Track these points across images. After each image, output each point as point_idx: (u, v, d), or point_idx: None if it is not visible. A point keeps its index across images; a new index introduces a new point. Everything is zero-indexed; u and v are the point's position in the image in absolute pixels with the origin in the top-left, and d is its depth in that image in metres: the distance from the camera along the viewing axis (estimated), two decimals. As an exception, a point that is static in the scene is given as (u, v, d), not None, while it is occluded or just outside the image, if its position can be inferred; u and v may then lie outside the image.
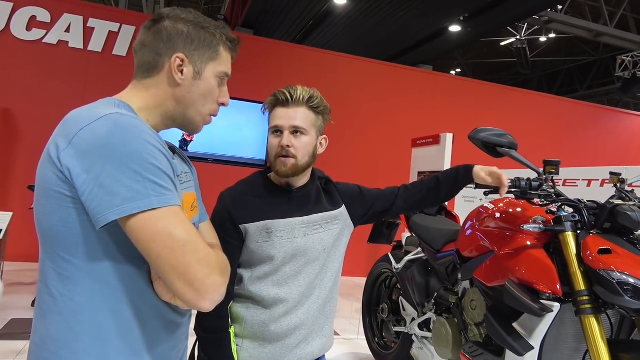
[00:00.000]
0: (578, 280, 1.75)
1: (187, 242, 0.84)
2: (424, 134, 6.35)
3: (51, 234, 0.88)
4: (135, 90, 1.01)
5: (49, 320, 0.89)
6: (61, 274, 0.88)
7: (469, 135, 1.86)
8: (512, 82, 13.49)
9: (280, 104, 1.50)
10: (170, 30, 0.99)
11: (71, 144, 0.84)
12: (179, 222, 0.85)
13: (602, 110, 10.01)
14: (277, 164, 1.48)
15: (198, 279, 0.83)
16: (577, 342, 1.91)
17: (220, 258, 0.92)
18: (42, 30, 6.28)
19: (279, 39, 9.44)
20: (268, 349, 1.49)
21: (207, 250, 0.86)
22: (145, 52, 1.00)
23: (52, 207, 0.87)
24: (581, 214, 1.86)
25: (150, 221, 0.82)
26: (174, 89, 1.00)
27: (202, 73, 1.02)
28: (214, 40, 1.03)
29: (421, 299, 2.74)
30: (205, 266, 0.84)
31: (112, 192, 0.81)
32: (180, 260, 0.83)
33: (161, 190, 0.84)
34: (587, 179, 3.70)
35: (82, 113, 0.89)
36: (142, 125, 0.88)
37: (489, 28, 9.06)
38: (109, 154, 0.82)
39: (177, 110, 1.02)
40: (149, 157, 0.84)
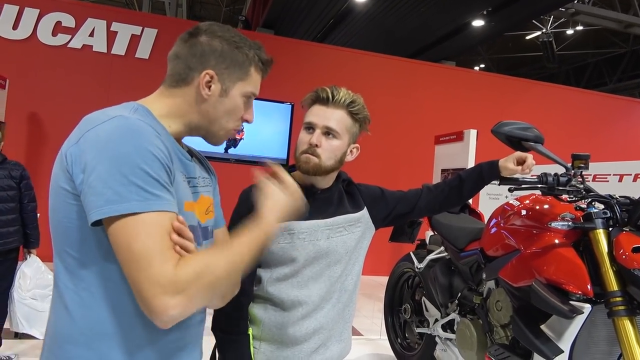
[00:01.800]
0: (610, 280, 1.66)
1: (141, 257, 0.82)
2: (448, 130, 6.24)
3: (59, 230, 0.92)
4: (161, 97, 1.04)
5: (58, 315, 0.93)
6: (67, 269, 0.92)
7: (492, 129, 1.79)
8: (538, 77, 13.19)
9: (320, 101, 1.46)
10: (205, 46, 1.02)
11: (77, 143, 0.88)
12: (145, 233, 0.83)
13: (633, 103, 9.67)
14: (301, 159, 1.44)
15: (145, 297, 0.82)
16: (610, 345, 1.82)
17: (189, 274, 0.84)
18: (67, 35, 6.41)
19: (300, 39, 9.43)
20: (285, 353, 1.45)
21: (162, 267, 0.82)
22: (178, 64, 1.03)
23: (59, 203, 0.91)
24: (613, 211, 1.77)
25: (122, 227, 0.83)
26: (200, 103, 1.03)
27: (229, 91, 1.04)
28: (246, 61, 1.05)
29: (444, 300, 2.67)
30: (154, 285, 0.81)
31: (98, 192, 0.83)
32: (132, 275, 0.83)
33: (146, 195, 0.84)
34: (619, 173, 3.55)
35: (96, 115, 0.92)
36: (144, 129, 0.89)
37: (513, 22, 8.86)
38: (103, 155, 0.84)
39: (201, 122, 1.05)
40: (139, 161, 0.84)
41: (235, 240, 0.96)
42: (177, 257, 0.85)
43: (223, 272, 0.89)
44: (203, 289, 0.86)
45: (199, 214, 1.03)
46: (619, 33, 10.55)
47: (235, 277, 0.93)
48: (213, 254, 0.92)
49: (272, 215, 1.03)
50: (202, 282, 0.85)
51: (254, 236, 0.97)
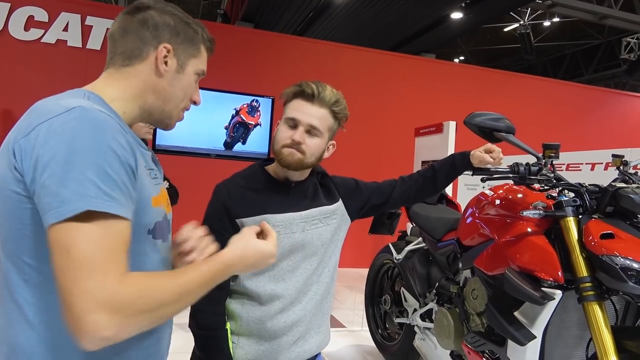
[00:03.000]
0: (580, 266, 1.69)
1: (80, 266, 0.72)
2: (428, 122, 6.29)
3: (13, 238, 0.82)
4: (110, 80, 0.96)
5: (17, 331, 0.83)
6: (27, 281, 0.82)
7: (465, 120, 1.81)
8: (517, 68, 13.33)
9: (304, 96, 1.44)
10: (158, 20, 0.96)
11: (28, 136, 0.79)
12: (91, 240, 0.74)
13: (608, 94, 9.85)
14: (284, 153, 1.42)
15: (75, 313, 0.71)
16: (581, 329, 1.86)
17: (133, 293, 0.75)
18: (40, 29, 6.26)
19: (280, 32, 9.37)
20: (264, 346, 1.46)
21: (103, 280, 0.72)
22: (128, 39, 0.96)
23: (9, 208, 0.81)
24: (582, 198, 1.80)
25: (64, 229, 0.73)
26: (156, 79, 0.96)
27: (185, 67, 0.99)
28: (197, 37, 1.01)
29: (422, 290, 2.70)
30: (89, 300, 0.71)
31: (53, 192, 0.75)
32: (66, 284, 0.73)
33: (100, 194, 0.75)
34: (591, 162, 3.63)
35: (49, 105, 0.84)
36: (106, 122, 0.81)
37: (491, 14, 8.92)
38: (58, 150, 0.76)
39: (155, 103, 0.98)
40: (98, 158, 0.77)
41: (191, 268, 0.89)
42: (121, 270, 0.76)
43: (170, 298, 0.80)
44: (144, 313, 0.76)
45: (166, 207, 0.98)
46: (594, 25, 10.71)
47: (181, 305, 0.84)
48: (163, 276, 0.84)
49: (238, 257, 0.95)
50: (144, 305, 0.76)
51: (211, 269, 0.90)
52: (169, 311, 0.82)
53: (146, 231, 0.90)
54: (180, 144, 6.13)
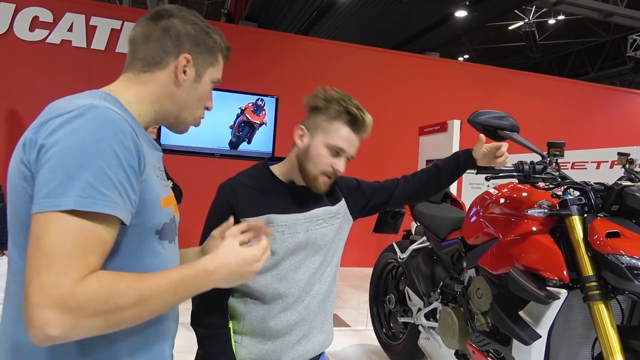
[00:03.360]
0: (585, 265, 1.68)
1: (43, 258, 0.72)
2: (432, 121, 6.27)
3: (21, 232, 0.83)
4: (128, 83, 0.98)
5: (22, 327, 0.80)
6: None
7: (468, 119, 1.80)
8: (521, 67, 13.27)
9: (354, 127, 1.42)
10: (180, 29, 0.98)
11: (38, 129, 0.81)
12: (60, 233, 0.73)
13: (614, 92, 9.79)
14: (320, 180, 1.43)
15: (27, 304, 0.71)
16: (587, 329, 1.85)
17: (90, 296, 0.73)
18: (45, 30, 6.29)
19: (283, 32, 9.37)
20: (268, 346, 1.45)
21: (62, 278, 0.71)
22: (150, 46, 0.97)
23: (20, 200, 0.82)
24: (588, 197, 1.79)
25: (43, 220, 0.73)
26: (173, 87, 0.99)
27: (202, 77, 1.02)
28: (215, 46, 1.03)
29: (427, 289, 2.69)
30: (42, 294, 0.70)
31: (44, 182, 0.76)
32: (29, 273, 0.72)
33: (91, 191, 0.75)
34: (596, 161, 3.60)
35: (63, 103, 0.86)
36: (115, 121, 0.82)
37: (496, 12, 8.88)
38: (61, 142, 0.77)
39: (171, 109, 1.01)
40: (97, 155, 0.77)
41: (163, 272, 0.85)
42: (85, 271, 0.74)
43: (127, 302, 0.77)
44: (96, 316, 0.73)
45: (174, 209, 0.99)
46: (600, 22, 10.64)
47: (142, 311, 0.80)
48: (127, 279, 0.79)
49: (219, 274, 0.91)
50: (98, 308, 0.73)
51: (183, 275, 0.86)
52: (126, 316, 0.78)
53: (153, 232, 0.90)
54: (185, 143, 6.14)
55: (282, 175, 1.50)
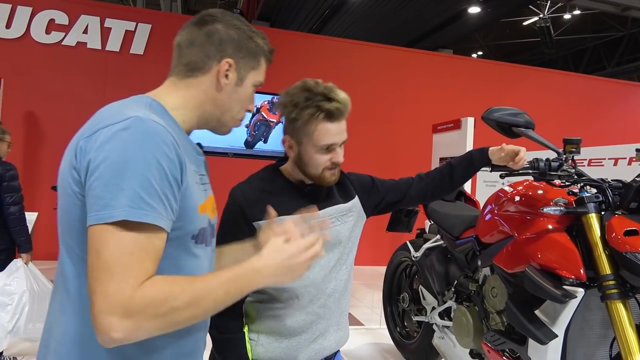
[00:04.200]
0: (603, 263, 1.66)
1: (104, 268, 0.78)
2: (445, 119, 6.22)
3: (70, 231, 0.88)
4: (174, 88, 1.01)
5: (68, 318, 0.89)
6: (79, 273, 0.87)
7: (482, 116, 1.78)
8: (536, 63, 13.11)
9: (333, 118, 1.39)
10: (223, 34, 1.00)
11: (89, 137, 0.85)
12: (120, 245, 0.78)
13: (632, 87, 9.62)
14: (326, 176, 1.43)
15: (93, 311, 0.78)
16: (605, 328, 1.82)
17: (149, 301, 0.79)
18: (61, 32, 6.38)
19: (296, 31, 9.37)
20: (284, 344, 1.46)
21: (121, 285, 0.77)
22: (194, 51, 1.00)
23: (69, 203, 0.87)
24: (605, 194, 1.76)
25: (100, 231, 0.79)
26: (216, 92, 1.01)
27: (244, 80, 1.03)
28: (258, 50, 1.05)
29: (441, 288, 2.67)
30: (105, 302, 0.76)
31: (97, 195, 0.80)
32: (92, 283, 0.78)
33: (140, 202, 0.80)
34: (614, 157, 3.54)
35: (111, 112, 0.89)
36: (159, 134, 0.85)
37: (510, 8, 8.79)
38: (110, 156, 0.81)
39: (213, 113, 1.03)
40: (144, 168, 0.81)
41: (212, 274, 0.91)
42: (142, 278, 0.80)
43: (182, 304, 0.82)
44: (155, 318, 0.80)
45: (210, 213, 1.01)
46: (617, 16, 10.46)
47: (197, 311, 0.85)
48: (181, 283, 0.84)
49: (268, 270, 0.94)
50: (156, 311, 0.79)
51: (233, 274, 0.90)
52: (182, 317, 0.83)
53: (190, 237, 0.93)
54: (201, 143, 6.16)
55: (291, 175, 1.50)
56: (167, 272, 0.87)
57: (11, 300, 3.01)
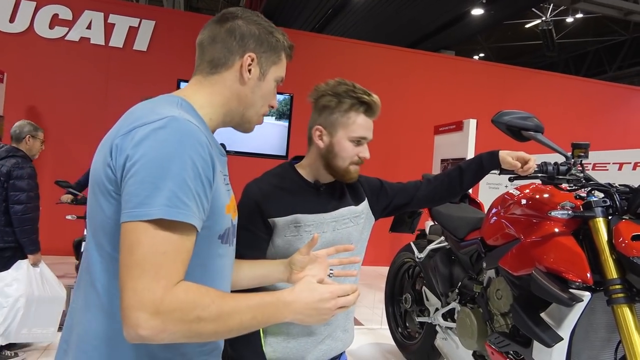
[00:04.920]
0: (610, 268, 1.67)
1: (137, 266, 0.78)
2: (447, 120, 6.23)
3: (103, 228, 0.88)
4: (199, 86, 1.02)
5: (93, 314, 0.89)
6: (108, 270, 0.88)
7: (493, 119, 1.79)
8: (538, 65, 13.11)
9: (369, 112, 1.46)
10: (244, 30, 1.02)
11: (126, 134, 0.86)
12: (152, 243, 0.79)
13: (633, 91, 9.64)
14: (352, 171, 1.46)
15: (124, 306, 0.78)
16: (609, 332, 1.83)
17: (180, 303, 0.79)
18: (65, 27, 6.37)
19: (298, 29, 9.37)
20: (292, 344, 1.46)
21: (153, 284, 0.77)
22: (216, 48, 1.01)
23: (103, 200, 0.87)
24: (612, 199, 1.77)
25: (134, 228, 0.79)
26: (240, 87, 1.02)
27: (266, 75, 1.05)
28: (279, 45, 1.07)
29: (445, 289, 2.68)
30: (136, 299, 0.77)
31: (133, 192, 0.80)
32: (123, 279, 0.79)
33: (176, 201, 0.80)
34: (618, 162, 3.55)
35: (144, 111, 0.90)
36: (193, 134, 0.86)
37: (513, 10, 8.80)
38: (147, 155, 0.82)
39: (238, 108, 1.04)
40: (180, 168, 0.81)
41: (245, 295, 0.90)
42: (175, 280, 0.80)
43: (208, 316, 0.82)
44: (180, 323, 0.79)
45: (232, 214, 1.02)
46: (619, 20, 10.48)
47: (221, 327, 0.85)
48: (212, 295, 0.84)
49: (296, 306, 0.94)
50: (183, 316, 0.79)
51: (263, 302, 0.90)
52: (206, 329, 0.83)
53: (217, 236, 0.95)
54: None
55: (307, 174, 1.51)
56: (194, 271, 0.87)
57: (6, 302, 2.97)
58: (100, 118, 5.99)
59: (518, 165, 1.66)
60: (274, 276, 1.27)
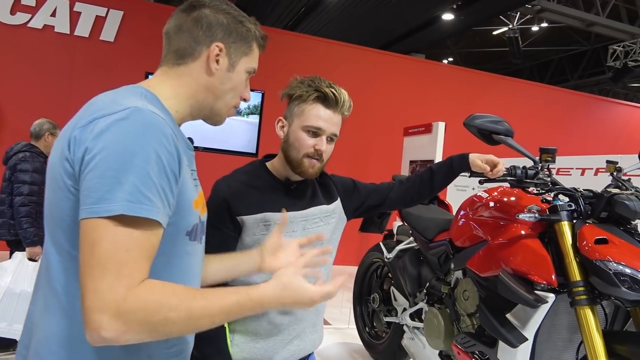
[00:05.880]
0: (573, 270, 1.71)
1: (98, 265, 0.74)
2: (416, 122, 6.31)
3: (60, 226, 0.84)
4: (165, 77, 0.98)
5: (52, 317, 0.85)
6: (67, 269, 0.84)
7: (465, 122, 1.81)
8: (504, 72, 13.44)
9: (327, 103, 1.42)
10: (211, 19, 0.97)
11: (85, 126, 0.81)
12: (113, 240, 0.74)
13: (593, 100, 10.02)
14: (305, 164, 1.42)
15: (84, 307, 0.74)
16: (571, 333, 1.89)
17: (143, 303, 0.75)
18: (27, 14, 6.12)
19: (271, 26, 9.30)
20: (260, 344, 1.44)
21: (115, 284, 0.73)
22: (182, 38, 0.97)
23: (61, 196, 0.83)
24: (577, 203, 1.82)
25: (94, 225, 0.75)
26: (207, 78, 0.98)
27: (235, 66, 1.01)
28: (249, 35, 1.02)
29: (413, 289, 2.70)
30: (97, 299, 0.73)
31: (92, 187, 0.76)
32: (84, 279, 0.75)
33: (139, 196, 0.76)
34: (581, 167, 3.68)
35: (105, 102, 0.86)
36: (158, 125, 0.82)
37: (481, 17, 8.99)
38: (108, 147, 0.77)
39: (206, 101, 1.00)
40: (143, 161, 0.78)
41: (219, 294, 0.86)
42: (139, 279, 0.76)
43: (177, 317, 0.78)
44: (145, 324, 0.76)
45: (201, 210, 0.98)
46: (581, 31, 10.86)
47: (191, 328, 0.84)
48: (180, 295, 0.81)
49: (275, 296, 0.91)
50: (147, 318, 0.76)
51: (240, 306, 0.87)
52: (174, 329, 0.80)
53: (184, 233, 0.91)
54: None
55: (277, 172, 1.49)
56: (160, 269, 0.84)
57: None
58: (64, 110, 5.75)
59: (487, 168, 1.69)
60: (244, 266, 1.24)
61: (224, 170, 1.55)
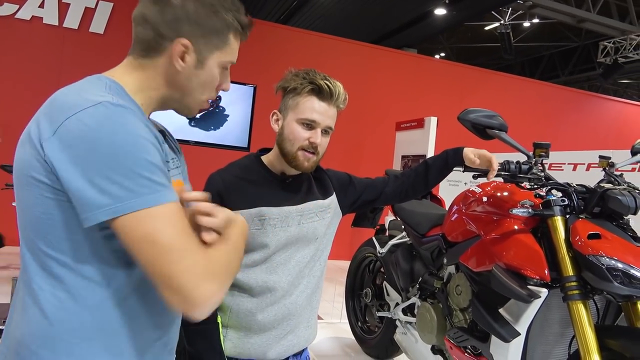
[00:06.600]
0: (566, 265, 1.72)
1: (171, 250, 0.75)
2: (409, 117, 6.31)
3: (34, 226, 0.81)
4: (130, 68, 0.92)
5: (30, 316, 0.82)
6: (44, 269, 0.82)
7: (459, 116, 1.80)
8: (495, 67, 13.46)
9: (321, 96, 1.40)
10: (178, 9, 0.88)
11: (56, 134, 0.76)
12: (168, 225, 0.76)
13: (583, 96, 10.08)
14: (300, 157, 1.41)
15: (186, 290, 0.76)
16: (563, 327, 1.89)
17: (215, 259, 0.81)
18: (14, 5, 6.01)
19: (263, 20, 9.24)
20: (254, 339, 1.43)
21: (194, 256, 0.77)
22: (147, 29, 0.89)
23: (34, 196, 0.80)
24: (570, 198, 1.83)
25: (138, 223, 0.75)
26: (174, 74, 0.91)
27: (205, 62, 0.92)
28: (224, 27, 0.93)
29: (405, 284, 2.70)
30: (193, 276, 0.76)
31: (102, 189, 0.74)
32: (165, 269, 0.75)
33: (155, 186, 0.77)
34: (573, 163, 3.69)
35: (70, 97, 0.80)
36: (132, 114, 0.79)
37: (473, 12, 8.99)
38: (97, 148, 0.74)
39: (173, 96, 0.95)
40: (141, 151, 0.76)
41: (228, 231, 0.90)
42: (199, 242, 0.81)
43: (235, 258, 0.87)
44: (227, 273, 0.83)
45: None
46: (572, 27, 10.90)
47: (240, 261, 0.91)
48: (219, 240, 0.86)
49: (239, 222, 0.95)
50: (224, 267, 0.82)
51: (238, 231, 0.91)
52: (236, 268, 0.88)
53: None
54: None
55: (273, 166, 1.48)
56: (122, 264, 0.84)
57: None
58: (52, 102, 5.69)
59: (478, 162, 1.68)
60: None
61: (217, 165, 1.53)
